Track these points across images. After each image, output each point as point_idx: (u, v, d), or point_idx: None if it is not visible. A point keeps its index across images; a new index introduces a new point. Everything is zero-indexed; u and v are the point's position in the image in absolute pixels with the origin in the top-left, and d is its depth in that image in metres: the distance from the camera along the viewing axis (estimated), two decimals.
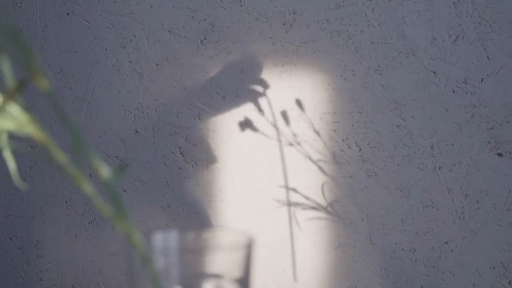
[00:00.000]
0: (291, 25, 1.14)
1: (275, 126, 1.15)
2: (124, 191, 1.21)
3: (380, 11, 1.11)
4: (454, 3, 1.09)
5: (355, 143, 1.13)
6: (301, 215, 1.15)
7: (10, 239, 1.25)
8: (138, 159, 1.19)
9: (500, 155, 1.09)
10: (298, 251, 1.16)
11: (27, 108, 0.28)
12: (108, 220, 1.22)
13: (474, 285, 1.11)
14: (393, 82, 1.11)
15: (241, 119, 1.16)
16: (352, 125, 1.13)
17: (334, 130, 1.13)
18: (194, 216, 1.18)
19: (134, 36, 1.18)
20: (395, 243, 1.13)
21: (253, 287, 0.41)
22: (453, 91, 1.10)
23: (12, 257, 1.25)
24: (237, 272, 0.40)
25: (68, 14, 1.20)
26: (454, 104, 1.10)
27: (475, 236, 1.11)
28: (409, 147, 1.12)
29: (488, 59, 1.09)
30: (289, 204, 1.16)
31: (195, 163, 1.17)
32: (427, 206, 1.12)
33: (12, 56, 0.26)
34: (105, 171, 0.28)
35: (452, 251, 1.11)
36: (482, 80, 1.09)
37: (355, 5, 1.12)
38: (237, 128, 1.16)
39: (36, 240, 1.24)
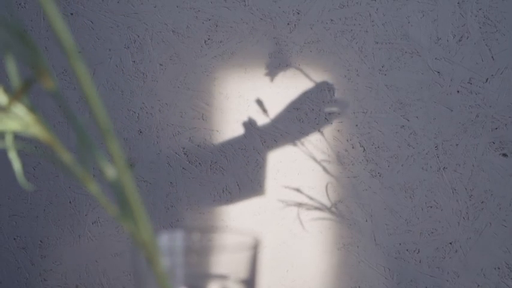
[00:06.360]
0: (295, 25, 1.14)
1: (279, 126, 1.15)
2: None
3: (384, 11, 1.11)
4: (458, 3, 1.09)
5: (359, 143, 1.13)
6: (306, 215, 1.15)
7: (14, 239, 1.25)
8: (142, 160, 1.19)
9: (505, 155, 1.09)
10: (303, 251, 1.16)
11: (33, 108, 0.28)
12: (112, 220, 1.21)
13: (479, 285, 1.11)
14: (397, 82, 1.11)
15: (245, 119, 1.16)
16: (356, 125, 1.13)
17: (338, 130, 1.13)
18: (198, 217, 1.18)
19: (138, 36, 1.18)
20: (400, 244, 1.13)
21: (258, 287, 0.41)
22: (458, 91, 1.10)
23: (16, 257, 1.25)
24: (242, 272, 0.39)
25: (72, 14, 1.20)
26: (459, 104, 1.10)
27: (479, 237, 1.10)
28: (413, 147, 1.11)
29: (493, 59, 1.08)
30: (294, 204, 1.16)
31: (199, 163, 1.17)
32: (431, 207, 1.11)
33: (17, 55, 0.26)
34: (111, 171, 0.28)
35: (456, 251, 1.11)
36: (487, 80, 1.09)
37: (359, 5, 1.11)
38: (240, 128, 1.16)
39: (40, 241, 1.24)
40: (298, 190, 1.15)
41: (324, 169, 1.14)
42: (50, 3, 0.23)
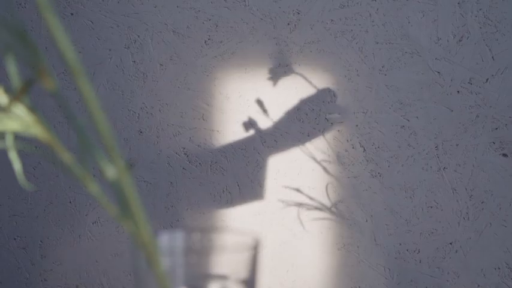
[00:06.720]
0: (295, 25, 1.14)
1: (279, 126, 1.15)
2: None
3: (384, 11, 1.11)
4: (458, 3, 1.09)
5: (360, 143, 1.13)
6: (306, 215, 1.15)
7: (14, 239, 1.25)
8: (142, 160, 1.19)
9: (505, 155, 1.09)
10: (303, 251, 1.16)
11: (33, 108, 0.28)
12: (112, 220, 1.22)
13: (479, 285, 1.11)
14: (397, 82, 1.11)
15: (245, 119, 1.16)
16: (357, 125, 1.13)
17: (338, 130, 1.13)
18: (198, 217, 1.18)
19: (138, 36, 1.18)
20: (400, 244, 1.13)
21: (258, 287, 0.41)
22: (458, 91, 1.10)
23: (16, 257, 1.25)
24: (242, 272, 0.39)
25: (72, 14, 1.20)
26: (459, 104, 1.10)
27: (479, 237, 1.10)
28: (413, 147, 1.11)
29: (493, 59, 1.08)
30: (294, 204, 1.16)
31: (199, 163, 1.17)
32: (431, 207, 1.11)
33: (17, 55, 0.26)
34: (111, 171, 0.28)
35: (456, 251, 1.11)
36: (487, 80, 1.09)
37: (360, 5, 1.11)
38: (241, 129, 1.16)
39: (40, 241, 1.24)
40: (298, 190, 1.15)
41: (324, 169, 1.14)
42: (52, 17, 0.23)
